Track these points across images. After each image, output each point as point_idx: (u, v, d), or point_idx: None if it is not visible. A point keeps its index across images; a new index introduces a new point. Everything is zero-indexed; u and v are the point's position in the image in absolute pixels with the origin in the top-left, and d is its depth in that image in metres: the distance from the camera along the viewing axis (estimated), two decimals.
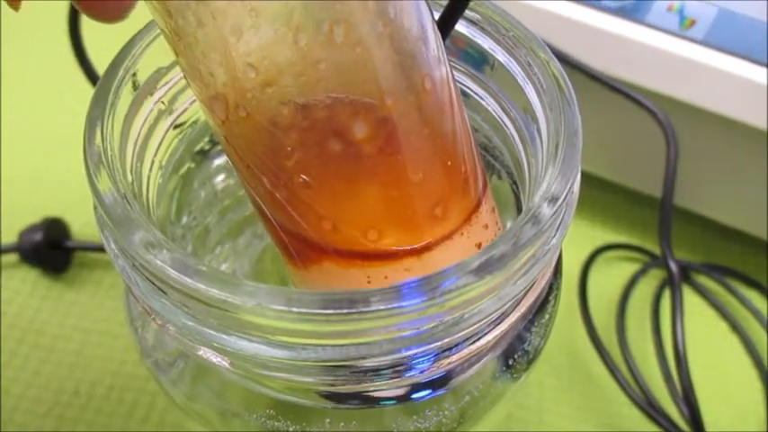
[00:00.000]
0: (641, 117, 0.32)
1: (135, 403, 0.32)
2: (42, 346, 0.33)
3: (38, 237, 0.34)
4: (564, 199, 0.15)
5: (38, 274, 0.36)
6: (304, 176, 0.15)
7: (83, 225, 0.37)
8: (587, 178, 0.39)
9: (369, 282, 0.16)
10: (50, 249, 0.35)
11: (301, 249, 0.16)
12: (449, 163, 0.16)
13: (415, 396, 0.17)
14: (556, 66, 0.17)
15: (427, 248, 0.16)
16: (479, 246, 0.17)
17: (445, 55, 0.16)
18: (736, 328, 0.37)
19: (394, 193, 0.15)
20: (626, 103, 0.32)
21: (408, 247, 0.16)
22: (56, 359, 0.33)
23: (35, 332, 0.34)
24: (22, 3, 0.14)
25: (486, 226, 0.17)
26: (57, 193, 0.38)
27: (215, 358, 0.15)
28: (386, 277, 0.16)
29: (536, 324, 0.19)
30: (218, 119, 0.15)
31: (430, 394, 0.17)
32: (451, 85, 0.16)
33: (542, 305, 0.19)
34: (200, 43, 0.13)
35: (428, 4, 0.15)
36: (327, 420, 0.18)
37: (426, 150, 0.15)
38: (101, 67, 0.34)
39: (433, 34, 0.15)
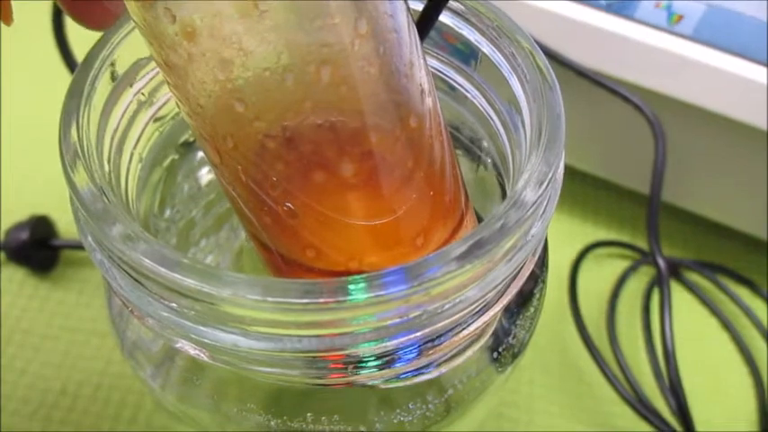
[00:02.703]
0: (630, 113, 0.32)
1: (122, 403, 0.31)
2: (29, 345, 0.33)
3: (24, 235, 0.34)
4: (548, 184, 0.15)
5: (24, 273, 0.35)
6: (289, 205, 0.15)
7: (69, 223, 0.36)
8: (579, 175, 0.39)
9: None
10: (37, 248, 0.35)
11: (283, 266, 0.17)
12: (431, 193, 0.16)
13: (405, 377, 0.17)
14: (539, 56, 0.17)
15: None
16: None
17: (432, 85, 0.16)
18: (726, 324, 0.37)
19: (377, 223, 0.16)
20: (615, 99, 0.32)
21: None
22: (42, 359, 0.33)
23: (22, 331, 0.33)
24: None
25: None
26: (43, 191, 0.38)
27: (193, 351, 0.15)
28: None
29: (521, 317, 0.19)
30: (205, 147, 0.15)
31: (420, 375, 0.17)
32: (436, 115, 0.16)
33: (528, 298, 0.19)
34: (189, 76, 0.14)
35: (416, 35, 0.15)
36: (309, 414, 0.17)
37: (410, 182, 0.16)
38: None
39: (419, 67, 0.15)
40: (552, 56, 0.31)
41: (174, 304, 0.14)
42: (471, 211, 0.18)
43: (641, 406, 0.32)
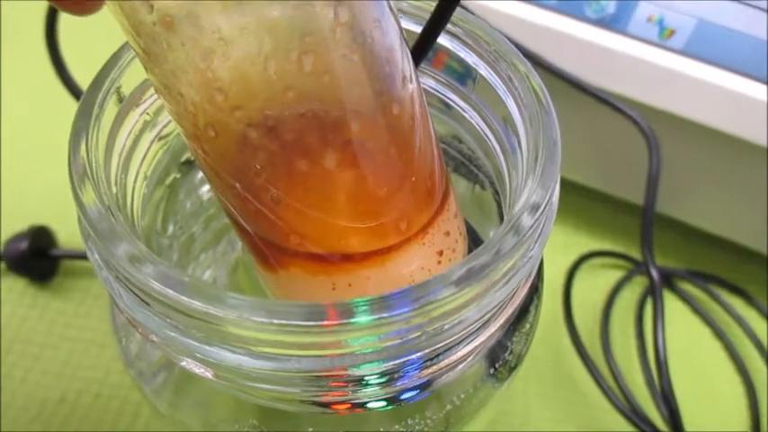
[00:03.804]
0: (625, 126, 0.33)
1: (120, 412, 0.32)
2: (29, 354, 0.33)
3: (24, 245, 0.34)
4: (544, 209, 0.15)
5: (24, 283, 0.36)
6: (273, 193, 0.15)
7: (69, 233, 0.37)
8: (573, 187, 0.40)
9: (334, 288, 0.16)
10: (36, 258, 0.35)
11: (270, 254, 0.17)
12: (413, 179, 0.16)
13: (404, 397, 0.17)
14: (535, 79, 0.17)
15: (389, 258, 0.16)
16: (441, 253, 0.17)
17: (414, 71, 0.16)
18: (718, 334, 0.37)
19: (360, 208, 0.16)
20: (609, 112, 0.33)
21: (371, 258, 0.16)
22: (42, 368, 0.33)
23: (22, 341, 0.34)
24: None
25: (448, 233, 0.17)
26: (43, 202, 0.38)
27: (198, 369, 0.15)
28: (350, 285, 0.16)
29: (517, 333, 0.19)
30: (188, 135, 0.15)
31: (418, 395, 0.17)
32: (418, 101, 0.16)
33: (523, 314, 0.19)
34: (169, 65, 0.14)
35: (398, 22, 0.15)
36: (310, 430, 0.18)
37: (392, 168, 0.16)
38: (79, 74, 0.34)
39: (402, 54, 0.15)
40: (551, 70, 0.32)
41: (179, 324, 0.14)
42: (453, 194, 0.18)
43: (634, 415, 0.32)
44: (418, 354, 0.15)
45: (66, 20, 0.33)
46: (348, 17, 0.14)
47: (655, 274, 0.33)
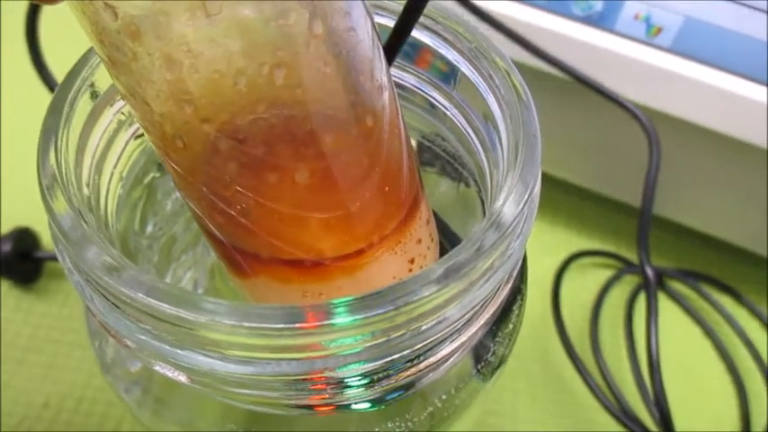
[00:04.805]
0: (621, 124, 0.33)
1: (105, 416, 0.31)
2: (12, 358, 0.33)
3: (6, 248, 0.34)
4: (524, 204, 0.15)
5: (8, 286, 0.35)
6: (242, 204, 0.15)
7: None
8: (563, 186, 0.39)
9: (305, 296, 0.16)
10: (20, 260, 0.34)
11: (241, 261, 0.16)
12: (386, 188, 0.16)
13: (388, 398, 0.17)
14: (516, 76, 0.17)
15: (360, 267, 0.16)
16: (412, 261, 0.17)
17: (388, 77, 0.16)
18: (709, 333, 0.37)
19: (332, 220, 0.15)
20: (604, 111, 0.32)
21: (342, 266, 0.16)
22: (26, 372, 0.33)
23: (6, 345, 0.33)
24: None
25: (420, 241, 0.17)
26: (25, 203, 0.37)
27: (171, 373, 0.15)
28: (321, 294, 0.16)
29: (500, 333, 0.19)
30: (156, 144, 0.15)
31: (401, 396, 0.17)
32: (392, 108, 0.16)
33: (506, 314, 0.19)
34: (134, 74, 0.13)
35: (374, 29, 0.15)
36: None
37: (365, 179, 0.15)
38: (60, 74, 0.34)
39: (377, 62, 0.15)
40: (554, 62, 0.31)
41: (151, 328, 0.14)
42: (425, 201, 0.18)
43: (624, 415, 0.32)
44: (400, 354, 0.14)
45: (48, 18, 0.33)
46: (322, 30, 0.13)
47: (650, 273, 0.33)
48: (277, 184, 0.14)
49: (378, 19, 0.18)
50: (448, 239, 0.19)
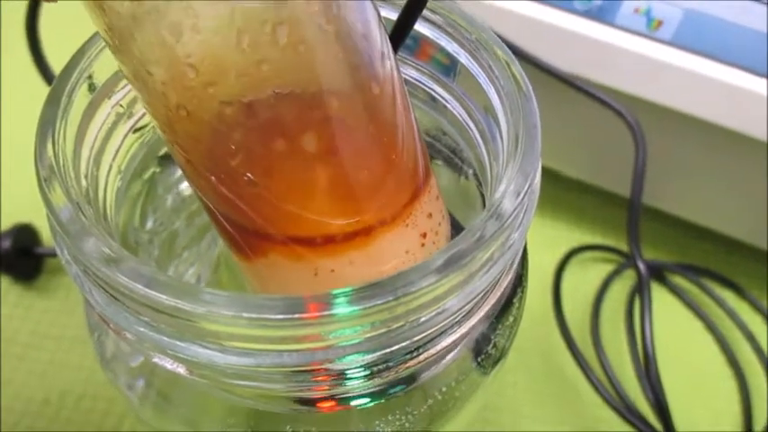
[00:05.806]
0: (611, 118, 0.33)
1: (106, 412, 0.31)
2: (13, 354, 0.33)
3: (6, 244, 0.34)
4: (525, 194, 0.15)
5: (8, 282, 0.35)
6: (249, 175, 0.14)
7: None
8: (563, 179, 0.39)
9: (316, 275, 0.16)
10: (20, 256, 0.34)
11: (247, 241, 0.16)
12: (393, 157, 0.16)
13: (390, 392, 0.17)
14: (516, 67, 0.17)
15: (371, 240, 0.16)
16: (424, 235, 0.17)
17: (390, 50, 0.15)
18: (710, 327, 0.37)
19: (341, 187, 0.15)
20: (596, 104, 0.32)
21: (353, 239, 0.16)
22: (27, 368, 0.33)
23: (6, 341, 0.33)
24: None
25: (430, 215, 0.17)
26: (25, 199, 0.37)
27: (170, 365, 0.15)
28: (332, 270, 0.16)
29: (501, 326, 0.19)
30: (158, 117, 0.14)
31: (403, 389, 0.17)
32: (396, 78, 0.16)
33: (507, 307, 0.19)
34: (136, 41, 0.13)
35: (373, 2, 0.15)
36: (288, 427, 0.17)
37: (372, 147, 0.15)
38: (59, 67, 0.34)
39: (378, 30, 0.15)
40: (533, 61, 0.32)
41: (150, 319, 0.14)
42: (434, 177, 0.18)
43: (625, 409, 0.32)
44: (399, 345, 0.14)
45: (49, 14, 0.33)
46: None
47: (642, 267, 0.33)
48: (283, 152, 0.14)
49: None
50: (457, 232, 0.19)
